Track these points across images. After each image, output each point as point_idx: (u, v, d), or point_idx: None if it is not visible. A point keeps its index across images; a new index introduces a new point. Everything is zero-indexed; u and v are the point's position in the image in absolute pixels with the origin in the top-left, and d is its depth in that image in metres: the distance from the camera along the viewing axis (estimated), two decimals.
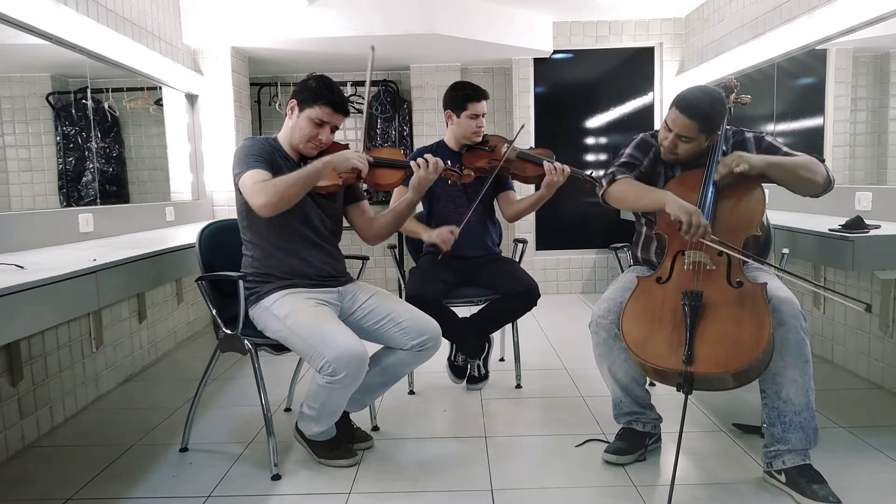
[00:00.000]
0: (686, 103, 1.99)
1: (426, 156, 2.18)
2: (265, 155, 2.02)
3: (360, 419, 2.36)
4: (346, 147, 2.19)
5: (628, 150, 2.23)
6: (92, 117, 3.27)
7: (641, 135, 2.26)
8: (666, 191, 2.03)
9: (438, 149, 2.79)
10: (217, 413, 2.68)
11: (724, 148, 2.09)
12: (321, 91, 2.04)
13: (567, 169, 2.55)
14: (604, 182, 2.16)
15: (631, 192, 2.09)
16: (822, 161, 2.01)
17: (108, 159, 3.48)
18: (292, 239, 2.10)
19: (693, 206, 1.92)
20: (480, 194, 2.63)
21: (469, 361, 2.86)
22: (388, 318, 2.13)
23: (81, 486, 2.05)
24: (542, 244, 5.31)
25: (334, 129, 2.11)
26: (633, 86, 5.25)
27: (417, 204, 2.27)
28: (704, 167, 2.06)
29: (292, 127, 2.09)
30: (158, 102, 4.04)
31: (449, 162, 2.27)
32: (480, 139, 2.74)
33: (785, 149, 2.05)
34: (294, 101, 2.07)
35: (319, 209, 2.15)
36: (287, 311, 2.00)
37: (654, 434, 2.18)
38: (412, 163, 2.18)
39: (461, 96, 2.68)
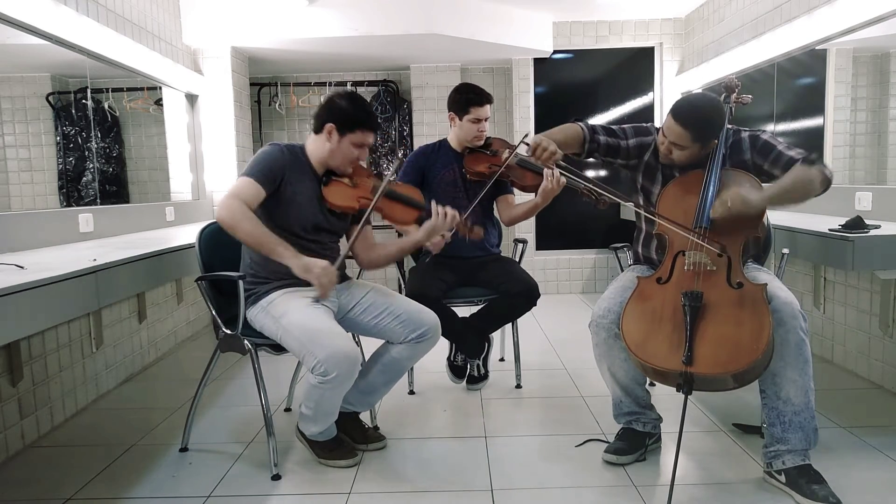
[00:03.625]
0: (680, 112, 1.98)
1: (447, 209, 2.15)
2: (277, 170, 2.03)
3: (361, 419, 2.36)
4: (369, 173, 2.22)
5: (624, 125, 2.26)
6: (92, 117, 3.27)
7: (647, 123, 2.28)
8: (547, 136, 2.10)
9: (441, 148, 2.79)
10: (217, 413, 2.68)
11: (723, 151, 2.09)
12: (362, 117, 2.07)
13: (563, 179, 2.52)
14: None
15: (555, 130, 2.17)
16: (815, 161, 1.94)
17: (108, 159, 3.48)
18: (297, 244, 2.09)
19: (545, 137, 2.06)
20: (479, 196, 2.62)
21: (469, 361, 2.86)
22: (386, 311, 2.14)
23: (81, 486, 2.05)
24: (542, 244, 5.31)
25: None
26: (633, 86, 5.25)
27: (420, 244, 2.25)
28: (704, 168, 2.06)
29: (332, 151, 2.09)
30: (158, 102, 4.04)
31: (467, 219, 2.24)
32: (482, 143, 2.73)
33: (782, 146, 2.03)
34: (332, 126, 2.06)
35: (327, 223, 2.15)
36: (282, 310, 2.01)
37: (654, 434, 2.18)
38: (437, 208, 2.15)
39: (464, 100, 2.66)
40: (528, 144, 2.10)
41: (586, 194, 2.40)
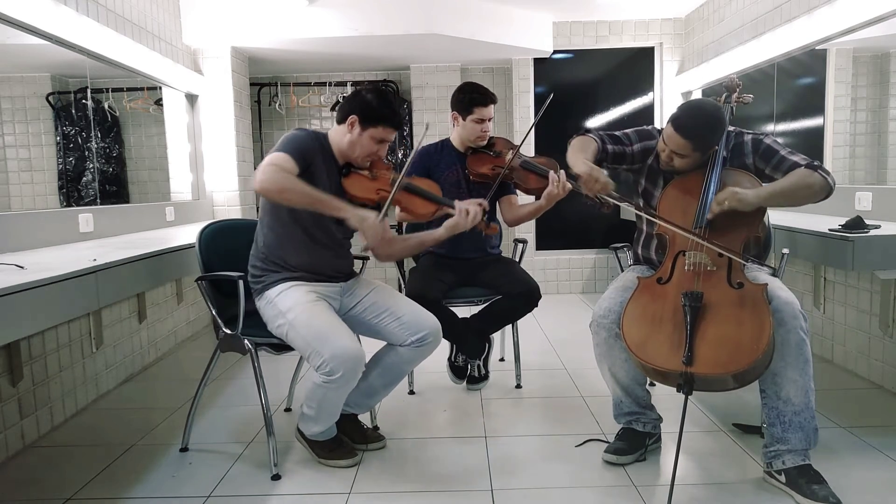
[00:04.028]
0: (681, 123, 1.98)
1: (469, 207, 2.16)
2: (308, 153, 2.02)
3: (361, 419, 2.36)
4: (388, 167, 2.21)
5: (626, 130, 2.25)
6: (92, 117, 3.27)
7: (648, 126, 2.28)
8: (585, 158, 2.07)
9: (444, 148, 2.78)
10: (217, 413, 2.68)
11: (724, 153, 2.09)
12: (385, 113, 2.07)
13: (568, 185, 2.52)
14: (574, 136, 2.21)
15: (573, 148, 2.16)
16: (818, 167, 1.95)
17: (108, 159, 3.48)
18: (310, 236, 2.10)
19: (596, 166, 2.02)
20: (487, 198, 2.60)
21: (469, 362, 2.86)
22: (388, 312, 2.14)
23: (81, 486, 2.05)
24: (542, 244, 5.31)
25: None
26: (633, 86, 5.25)
27: (442, 240, 2.25)
28: (704, 169, 2.06)
29: (352, 142, 2.09)
30: (158, 102, 4.04)
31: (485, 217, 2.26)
32: (486, 143, 2.73)
33: (784, 151, 2.03)
34: (355, 118, 2.06)
35: None
36: (289, 304, 2.01)
37: (654, 434, 2.18)
38: (459, 206, 2.16)
39: (468, 100, 2.64)
40: (574, 177, 2.05)
41: (591, 198, 2.40)
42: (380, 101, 2.08)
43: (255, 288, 2.11)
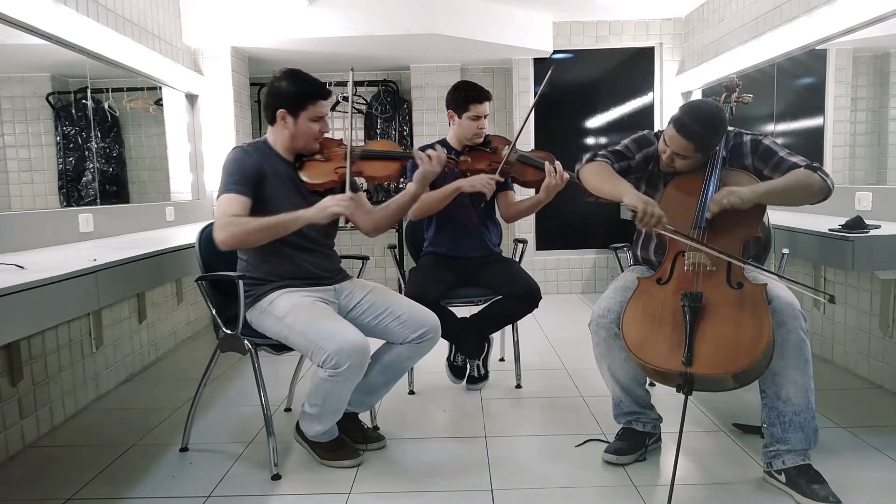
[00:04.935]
0: (682, 124, 1.98)
1: (430, 151, 2.21)
2: (250, 172, 2.00)
3: (361, 419, 2.36)
4: (339, 143, 2.18)
5: (625, 141, 2.23)
6: (92, 117, 3.26)
7: (644, 131, 2.26)
8: (627, 183, 2.03)
9: (442, 147, 2.78)
10: (217, 413, 2.68)
11: (723, 154, 2.09)
12: (307, 90, 2.04)
13: (566, 175, 2.53)
14: (583, 159, 2.16)
15: (597, 175, 2.08)
16: (818, 169, 1.96)
17: (108, 159, 3.48)
18: (285, 245, 2.08)
19: (648, 198, 1.92)
20: (484, 197, 2.61)
21: (469, 362, 2.86)
22: (387, 311, 2.13)
23: (81, 486, 2.05)
24: (542, 244, 5.31)
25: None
26: (633, 86, 5.25)
27: (420, 196, 2.26)
28: (704, 170, 2.06)
29: (293, 135, 2.07)
30: (158, 102, 4.04)
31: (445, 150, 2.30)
32: (482, 140, 2.73)
33: (783, 152, 2.04)
34: (283, 111, 2.04)
35: None
36: (285, 310, 2.01)
37: (654, 434, 2.18)
38: (418, 154, 2.19)
39: (463, 97, 2.65)
40: (634, 211, 1.94)
41: (590, 193, 2.41)
42: (297, 83, 2.05)
43: (245, 302, 2.09)
